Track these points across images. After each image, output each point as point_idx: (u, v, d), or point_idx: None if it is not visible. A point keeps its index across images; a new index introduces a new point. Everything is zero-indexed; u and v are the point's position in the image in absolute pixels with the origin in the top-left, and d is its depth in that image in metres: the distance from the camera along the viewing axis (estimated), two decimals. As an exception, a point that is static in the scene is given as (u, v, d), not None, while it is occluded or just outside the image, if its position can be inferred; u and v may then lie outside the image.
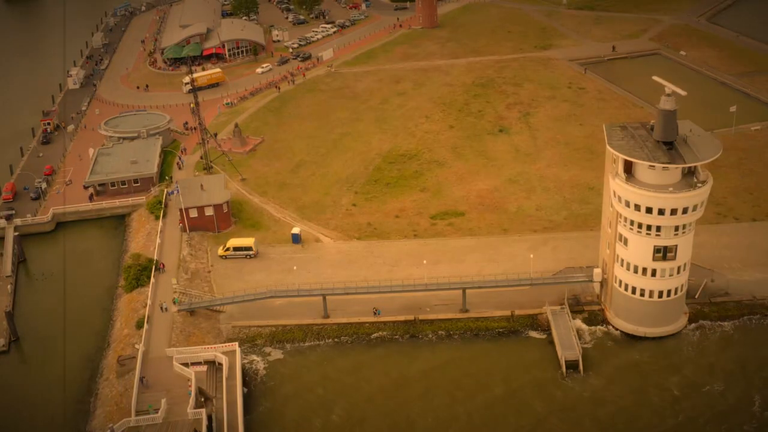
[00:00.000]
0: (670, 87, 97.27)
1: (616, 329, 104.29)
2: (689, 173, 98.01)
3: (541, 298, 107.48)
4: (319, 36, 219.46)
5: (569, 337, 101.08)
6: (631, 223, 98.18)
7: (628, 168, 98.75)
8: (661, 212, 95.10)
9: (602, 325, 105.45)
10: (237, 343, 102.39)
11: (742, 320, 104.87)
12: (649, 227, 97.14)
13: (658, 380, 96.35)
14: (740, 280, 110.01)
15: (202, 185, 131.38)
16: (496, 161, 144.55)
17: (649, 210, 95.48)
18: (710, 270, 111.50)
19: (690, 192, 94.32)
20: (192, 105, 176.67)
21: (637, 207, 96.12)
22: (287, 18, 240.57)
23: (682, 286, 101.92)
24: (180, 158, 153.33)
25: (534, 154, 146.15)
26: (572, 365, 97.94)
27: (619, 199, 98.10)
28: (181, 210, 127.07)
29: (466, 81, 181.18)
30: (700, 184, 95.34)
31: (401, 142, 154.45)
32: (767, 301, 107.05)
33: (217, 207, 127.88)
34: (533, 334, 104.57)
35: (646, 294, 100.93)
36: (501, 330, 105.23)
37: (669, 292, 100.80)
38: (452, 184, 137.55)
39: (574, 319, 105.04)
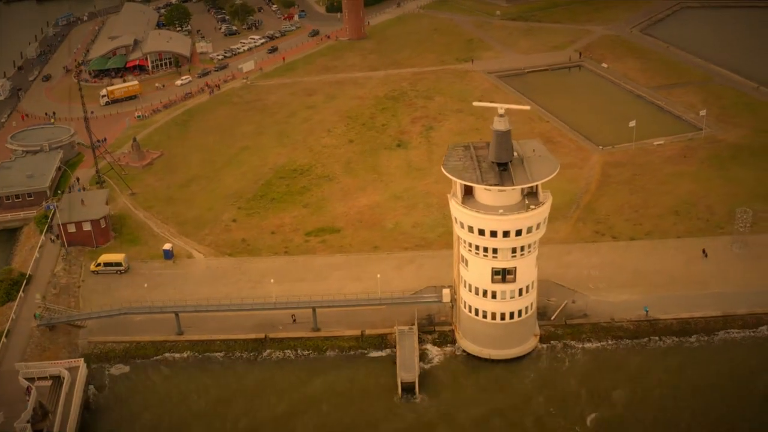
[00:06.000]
0: (487, 105, 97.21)
1: (464, 351, 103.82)
2: (531, 194, 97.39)
3: (394, 318, 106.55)
4: (246, 48, 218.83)
5: (411, 357, 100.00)
6: (470, 244, 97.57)
7: (470, 189, 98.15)
8: (493, 234, 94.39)
9: (450, 346, 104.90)
10: (82, 358, 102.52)
11: (596, 343, 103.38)
12: (486, 249, 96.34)
13: (495, 404, 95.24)
14: (602, 301, 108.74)
15: (82, 200, 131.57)
16: (386, 176, 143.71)
17: (482, 232, 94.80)
18: (573, 291, 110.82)
19: (521, 214, 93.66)
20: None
21: (471, 229, 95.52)
22: (220, 29, 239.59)
23: (526, 308, 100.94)
24: (75, 182, 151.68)
25: (426, 169, 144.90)
26: (409, 387, 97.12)
27: (455, 219, 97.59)
28: (59, 225, 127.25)
29: (379, 94, 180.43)
30: (533, 206, 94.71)
31: (298, 156, 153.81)
32: (624, 323, 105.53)
33: (95, 222, 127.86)
34: (378, 354, 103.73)
35: (488, 316, 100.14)
36: (348, 349, 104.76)
37: (512, 314, 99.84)
38: (336, 200, 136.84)
39: (422, 339, 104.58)
